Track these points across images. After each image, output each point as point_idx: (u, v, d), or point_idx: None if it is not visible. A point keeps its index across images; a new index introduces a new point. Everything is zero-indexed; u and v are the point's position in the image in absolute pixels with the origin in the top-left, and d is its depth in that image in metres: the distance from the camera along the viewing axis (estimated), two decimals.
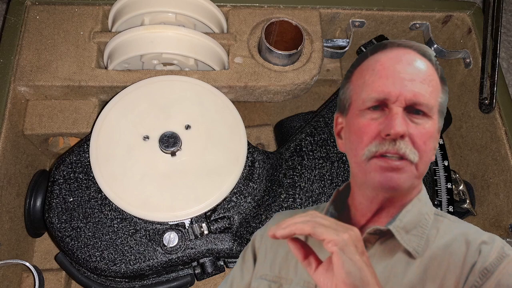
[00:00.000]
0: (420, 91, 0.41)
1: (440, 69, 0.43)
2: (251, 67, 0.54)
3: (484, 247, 0.37)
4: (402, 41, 0.45)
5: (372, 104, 0.41)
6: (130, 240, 0.44)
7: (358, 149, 0.42)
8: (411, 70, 0.42)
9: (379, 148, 0.40)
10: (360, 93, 0.43)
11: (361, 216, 0.41)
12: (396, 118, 0.40)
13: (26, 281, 0.52)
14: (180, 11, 0.53)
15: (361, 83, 0.43)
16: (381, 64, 0.43)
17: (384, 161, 0.40)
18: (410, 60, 0.43)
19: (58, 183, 0.46)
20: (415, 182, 0.41)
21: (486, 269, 0.36)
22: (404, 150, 0.40)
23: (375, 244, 0.39)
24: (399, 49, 0.44)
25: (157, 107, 0.48)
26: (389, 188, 0.40)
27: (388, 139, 0.40)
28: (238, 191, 0.47)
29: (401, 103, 0.40)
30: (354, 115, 0.43)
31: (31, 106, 0.53)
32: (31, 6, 0.55)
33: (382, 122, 0.41)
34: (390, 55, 0.43)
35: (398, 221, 0.39)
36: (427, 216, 0.40)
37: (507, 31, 0.84)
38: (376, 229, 0.39)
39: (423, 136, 0.40)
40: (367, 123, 0.41)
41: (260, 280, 0.41)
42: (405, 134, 0.40)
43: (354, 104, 0.43)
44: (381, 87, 0.41)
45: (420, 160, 0.40)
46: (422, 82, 0.41)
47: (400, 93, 0.40)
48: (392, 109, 0.41)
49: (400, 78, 0.41)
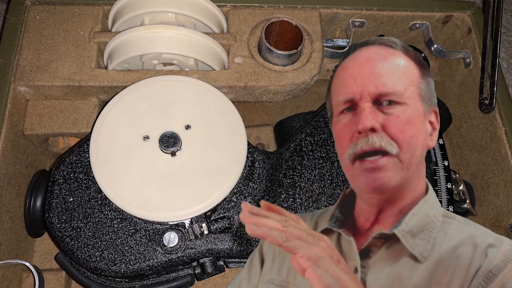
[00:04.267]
0: (385, 81, 0.40)
1: (415, 54, 0.43)
2: (251, 67, 0.54)
3: (491, 250, 0.36)
4: (364, 40, 0.46)
5: (343, 107, 0.42)
6: (130, 240, 0.44)
7: (341, 154, 0.43)
8: (371, 64, 0.42)
9: (354, 149, 0.40)
10: (333, 100, 0.44)
11: (365, 220, 0.41)
12: (362, 113, 0.40)
13: (26, 281, 0.52)
14: (180, 11, 0.53)
15: (334, 91, 0.45)
16: (344, 67, 0.44)
17: (366, 162, 0.40)
18: (370, 55, 0.43)
19: (58, 183, 0.46)
20: (404, 174, 0.40)
21: (491, 272, 0.35)
22: (379, 143, 0.39)
23: (381, 248, 0.39)
24: (361, 50, 0.44)
25: (157, 107, 0.48)
26: (376, 189, 0.40)
27: (361, 136, 0.40)
28: (238, 191, 0.47)
29: (366, 98, 0.40)
30: (335, 122, 0.44)
31: (31, 106, 0.53)
32: (31, 6, 0.55)
33: (354, 122, 0.41)
34: (352, 57, 0.44)
35: (404, 225, 0.39)
36: (434, 218, 0.39)
37: (507, 31, 0.84)
38: (381, 233, 0.39)
39: (398, 124, 0.39)
40: (342, 127, 0.42)
41: (267, 284, 0.41)
42: (375, 127, 0.39)
43: (334, 112, 0.44)
44: (345, 88, 0.42)
45: (401, 150, 0.39)
46: (386, 72, 0.41)
47: (362, 88, 0.41)
48: (360, 106, 0.41)
49: (361, 74, 0.42)
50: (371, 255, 0.39)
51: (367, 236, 0.40)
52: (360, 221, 0.41)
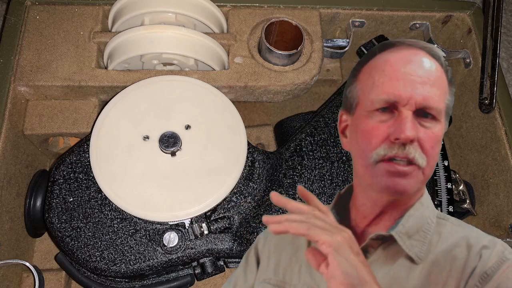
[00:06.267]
0: (430, 94, 0.40)
1: (449, 70, 0.42)
2: (251, 67, 0.54)
3: (485, 251, 0.37)
4: (411, 41, 0.44)
5: (381, 106, 0.40)
6: (130, 240, 0.44)
7: (365, 151, 0.41)
8: (421, 72, 0.41)
9: (388, 152, 0.40)
10: (368, 93, 0.42)
11: (362, 219, 0.41)
12: (406, 122, 0.39)
13: (26, 281, 0.52)
14: (180, 11, 0.53)
15: (370, 83, 0.42)
16: (390, 64, 0.42)
17: (392, 165, 0.40)
18: (420, 61, 0.42)
19: (58, 183, 0.46)
20: (421, 186, 0.40)
21: (485, 273, 0.36)
22: (413, 155, 0.39)
23: (378, 249, 0.39)
24: (409, 49, 0.42)
25: (157, 107, 0.48)
26: (395, 192, 0.40)
27: (397, 143, 0.39)
28: (238, 191, 0.47)
29: (412, 106, 0.39)
30: (362, 116, 0.42)
31: (31, 106, 0.53)
32: (31, 6, 0.55)
33: (391, 125, 0.40)
34: (400, 56, 0.42)
35: (401, 227, 0.39)
36: (429, 220, 0.40)
37: (507, 31, 0.84)
38: (378, 234, 0.39)
39: (431, 141, 0.40)
40: (376, 126, 0.40)
41: (264, 284, 0.41)
42: (415, 139, 0.39)
43: (361, 104, 0.42)
44: (391, 89, 0.40)
45: (427, 164, 0.40)
46: (432, 85, 0.40)
47: (410, 96, 0.39)
48: (402, 112, 0.40)
49: (411, 80, 0.40)
50: (367, 256, 0.39)
51: (363, 237, 0.40)
52: (356, 220, 0.41)
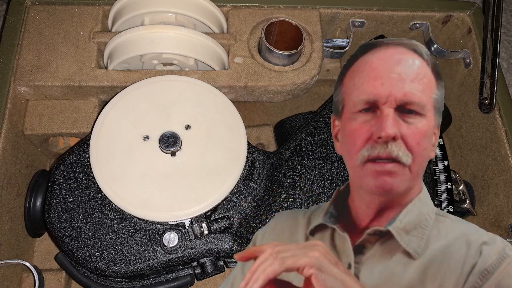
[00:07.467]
0: (411, 90, 0.40)
1: (433, 63, 0.42)
2: (251, 67, 0.54)
3: (485, 248, 0.37)
4: (392, 39, 0.44)
5: (363, 107, 0.41)
6: (130, 240, 0.44)
7: (352, 153, 0.42)
8: (401, 69, 0.41)
9: (371, 152, 0.40)
10: (351, 95, 0.42)
11: (362, 218, 0.41)
12: (387, 120, 0.39)
13: (26, 281, 0.52)
14: (180, 11, 0.53)
15: (351, 86, 0.43)
16: (370, 65, 0.42)
17: (378, 165, 0.40)
18: (400, 58, 0.42)
19: (58, 183, 0.46)
20: (411, 183, 0.40)
21: (486, 270, 0.36)
22: (396, 153, 0.39)
23: (375, 244, 0.39)
24: (389, 48, 0.43)
25: (157, 107, 0.48)
26: (383, 191, 0.40)
27: (380, 141, 0.39)
28: (238, 191, 0.47)
29: (391, 103, 0.40)
30: (347, 118, 0.43)
31: (31, 106, 0.53)
32: (31, 6, 0.55)
33: (374, 125, 0.40)
34: (379, 55, 0.42)
35: (398, 222, 0.39)
36: (428, 216, 0.40)
37: (507, 31, 0.84)
38: (375, 230, 0.39)
39: (416, 137, 0.39)
40: (359, 127, 0.41)
41: None
42: (397, 136, 0.39)
43: (346, 107, 0.43)
44: (370, 88, 0.41)
45: (413, 161, 0.39)
46: (413, 80, 0.40)
47: (389, 93, 0.40)
48: (383, 111, 0.40)
49: (389, 78, 0.40)
50: (364, 251, 0.39)
51: (362, 232, 0.40)
52: (358, 219, 0.41)
